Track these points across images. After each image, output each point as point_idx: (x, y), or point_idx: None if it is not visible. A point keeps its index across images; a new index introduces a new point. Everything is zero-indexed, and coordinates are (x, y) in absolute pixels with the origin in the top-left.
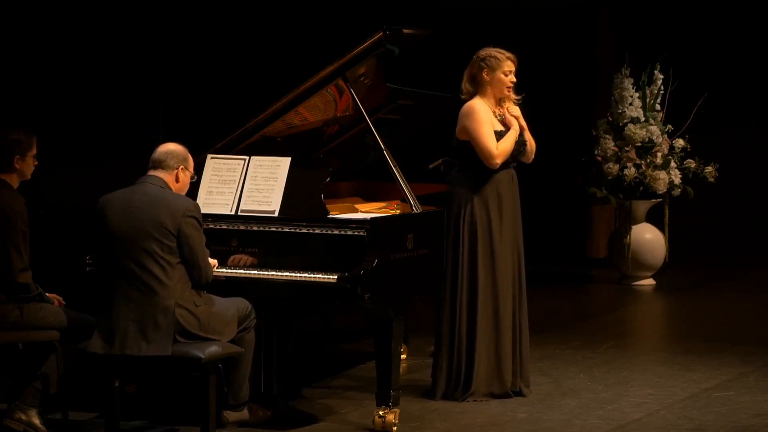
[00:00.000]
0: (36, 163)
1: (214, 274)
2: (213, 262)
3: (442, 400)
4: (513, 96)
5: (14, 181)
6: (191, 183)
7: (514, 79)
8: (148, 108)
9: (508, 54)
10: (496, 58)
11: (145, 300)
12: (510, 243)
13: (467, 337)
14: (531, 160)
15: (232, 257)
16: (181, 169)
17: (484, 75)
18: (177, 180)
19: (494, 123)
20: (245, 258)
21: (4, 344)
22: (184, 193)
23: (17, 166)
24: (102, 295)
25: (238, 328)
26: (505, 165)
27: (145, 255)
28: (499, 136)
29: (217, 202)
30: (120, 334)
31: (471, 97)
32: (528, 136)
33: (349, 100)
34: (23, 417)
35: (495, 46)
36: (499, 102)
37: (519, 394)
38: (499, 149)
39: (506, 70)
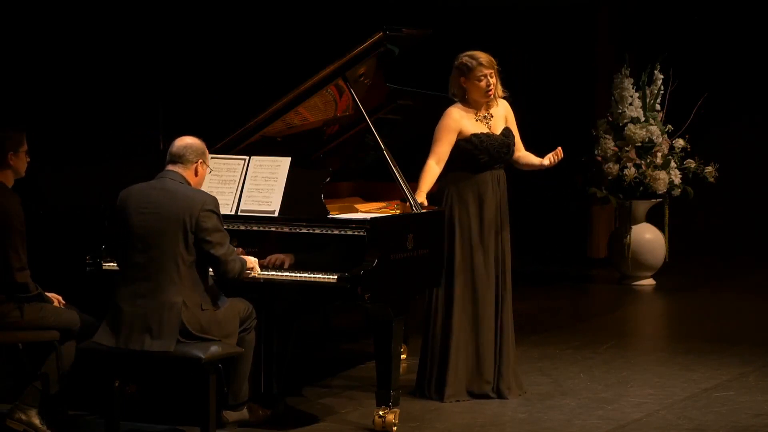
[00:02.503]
0: (28, 159)
1: (251, 275)
2: (252, 260)
3: (420, 398)
4: (499, 94)
5: (9, 179)
6: None
7: (491, 81)
8: (148, 108)
9: (479, 59)
10: (467, 66)
11: (153, 296)
12: (492, 245)
13: (441, 338)
14: (530, 167)
15: (268, 257)
16: (200, 162)
17: (462, 82)
18: (196, 174)
19: (473, 127)
20: (282, 257)
21: (4, 344)
22: (201, 186)
23: (11, 162)
24: (111, 288)
25: (239, 329)
26: (490, 166)
27: (160, 251)
28: (485, 137)
29: None
30: (126, 328)
31: (459, 100)
32: (518, 142)
33: (349, 100)
34: (23, 417)
35: (481, 47)
36: (486, 103)
37: (501, 396)
38: (423, 170)
39: (479, 75)
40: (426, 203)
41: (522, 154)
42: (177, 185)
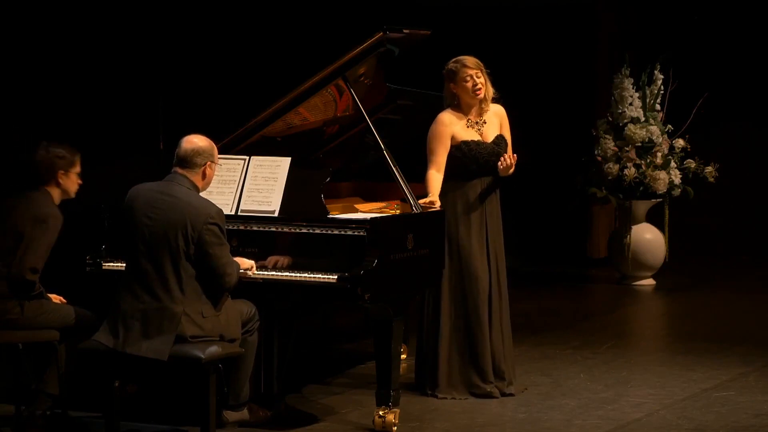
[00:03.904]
0: (80, 182)
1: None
2: (249, 263)
3: (419, 394)
4: (489, 94)
5: (56, 196)
6: None
7: (477, 81)
8: (148, 108)
9: (463, 61)
10: (451, 69)
11: (154, 304)
12: (483, 247)
13: (432, 339)
14: (508, 174)
15: (269, 258)
16: (208, 165)
17: (452, 88)
18: (204, 176)
19: (464, 133)
20: (282, 259)
21: (4, 344)
22: (209, 184)
23: (60, 180)
24: (114, 286)
25: (241, 330)
26: (479, 174)
27: (162, 258)
28: (474, 145)
29: (216, 202)
30: (124, 330)
31: (450, 107)
32: (510, 151)
33: (349, 100)
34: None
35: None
36: (480, 108)
37: (503, 394)
38: (425, 179)
39: (464, 76)
40: (439, 202)
41: None
42: (185, 192)
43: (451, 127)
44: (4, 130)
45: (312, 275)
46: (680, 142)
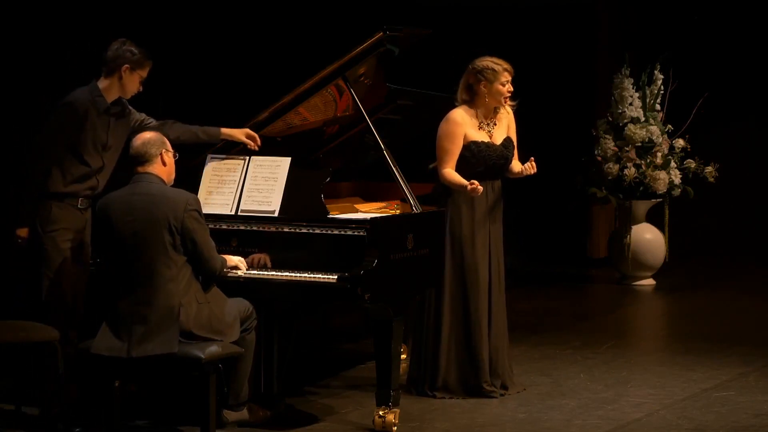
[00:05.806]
0: (140, 89)
1: (237, 274)
2: (236, 260)
3: (410, 394)
4: (509, 103)
5: (111, 92)
6: (187, 178)
7: (511, 89)
8: (148, 109)
9: (505, 65)
10: (493, 70)
11: (151, 302)
12: (484, 246)
13: (432, 337)
14: (514, 176)
15: (250, 257)
16: (164, 152)
17: (482, 87)
18: (164, 164)
19: (475, 134)
20: (262, 257)
21: (4, 344)
22: (173, 173)
23: (123, 74)
24: (108, 296)
25: (240, 329)
26: (485, 177)
27: (151, 256)
28: (484, 146)
29: (217, 202)
30: (126, 336)
31: (468, 104)
32: (516, 153)
33: (349, 100)
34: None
35: (491, 52)
36: (494, 110)
37: (501, 393)
38: (446, 178)
39: (503, 80)
40: (476, 183)
41: (513, 163)
42: (156, 188)
43: (464, 126)
44: (3, 131)
45: (312, 275)
46: (680, 142)
